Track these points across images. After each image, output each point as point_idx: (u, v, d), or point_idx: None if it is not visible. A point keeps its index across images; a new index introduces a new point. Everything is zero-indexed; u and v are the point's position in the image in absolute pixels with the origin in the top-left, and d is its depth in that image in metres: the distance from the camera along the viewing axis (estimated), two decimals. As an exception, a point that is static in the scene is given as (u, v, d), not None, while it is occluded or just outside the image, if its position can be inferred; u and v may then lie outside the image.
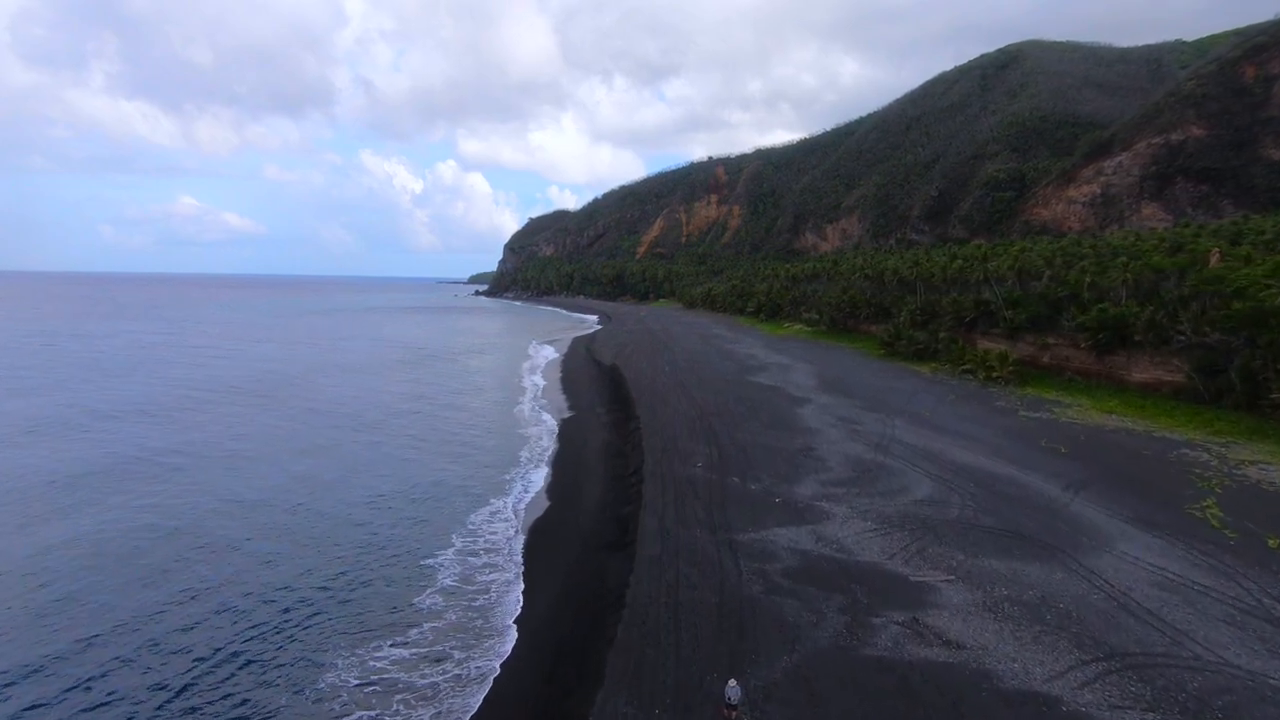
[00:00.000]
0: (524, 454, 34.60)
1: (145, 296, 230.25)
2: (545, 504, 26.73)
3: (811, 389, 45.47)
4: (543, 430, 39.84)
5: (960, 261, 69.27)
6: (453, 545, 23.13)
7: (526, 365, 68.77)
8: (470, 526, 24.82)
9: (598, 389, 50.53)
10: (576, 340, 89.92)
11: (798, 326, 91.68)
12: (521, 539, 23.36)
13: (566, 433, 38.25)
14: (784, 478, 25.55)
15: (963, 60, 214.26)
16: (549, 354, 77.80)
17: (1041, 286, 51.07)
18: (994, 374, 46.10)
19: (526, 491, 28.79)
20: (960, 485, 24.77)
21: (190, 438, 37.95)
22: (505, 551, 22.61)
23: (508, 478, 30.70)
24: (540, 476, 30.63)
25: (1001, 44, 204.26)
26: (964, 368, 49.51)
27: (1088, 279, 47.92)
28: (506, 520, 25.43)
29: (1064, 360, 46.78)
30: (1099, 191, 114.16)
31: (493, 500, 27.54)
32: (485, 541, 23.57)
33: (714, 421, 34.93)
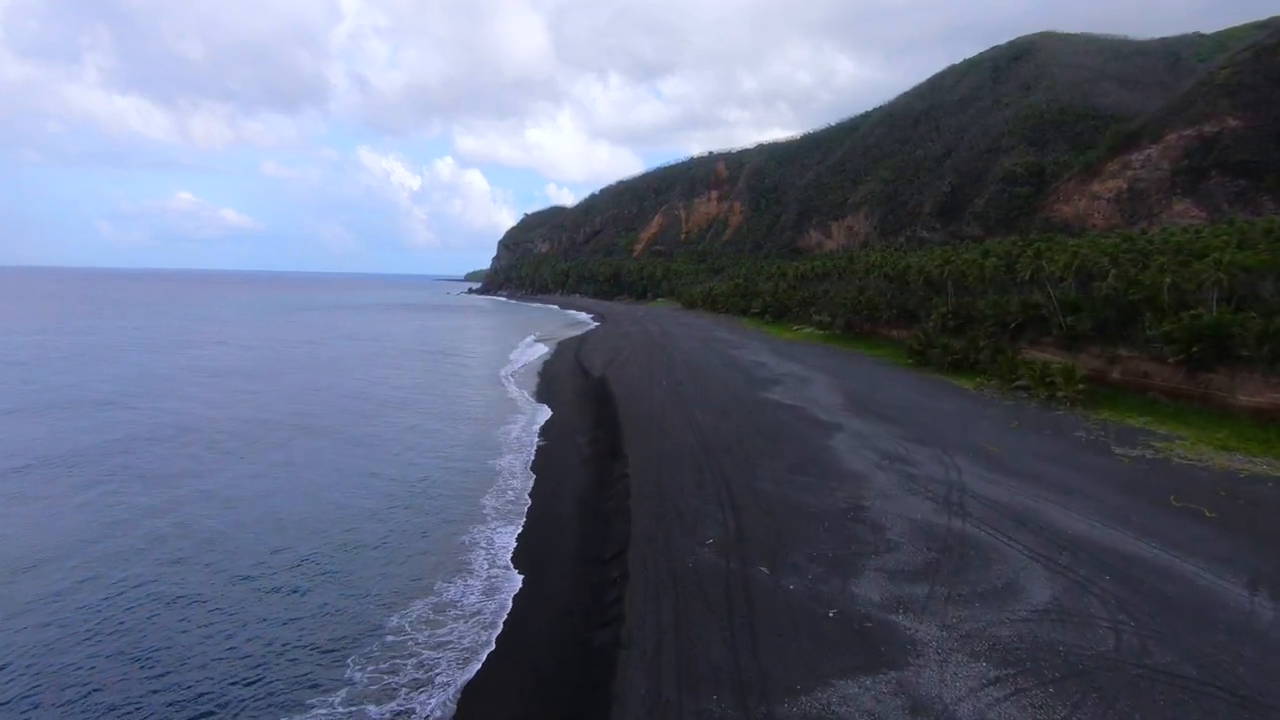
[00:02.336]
0: (489, 501, 26.65)
1: (134, 293, 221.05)
2: (507, 599, 18.88)
3: (839, 410, 37.63)
4: (517, 463, 31.94)
5: (994, 259, 61.45)
6: (349, 681, 15.24)
7: (505, 372, 60.89)
8: (389, 639, 16.89)
9: (582, 408, 42.64)
10: (566, 344, 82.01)
11: (808, 330, 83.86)
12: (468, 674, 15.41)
13: (541, 471, 30.36)
14: (833, 564, 17.67)
15: (959, 58, 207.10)
16: (532, 360, 69.86)
17: (1106, 288, 43.28)
18: (1058, 393, 38.26)
19: (494, 562, 20.98)
20: (1092, 578, 16.94)
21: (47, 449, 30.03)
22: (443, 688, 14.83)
23: (466, 540, 22.77)
24: (507, 539, 22.75)
25: (997, 43, 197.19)
26: (1017, 383, 41.67)
27: (1167, 280, 40.14)
28: (459, 621, 17.64)
29: (1141, 377, 38.99)
30: (1125, 187, 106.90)
31: (440, 584, 19.65)
32: (412, 671, 15.59)
33: (724, 461, 27.04)
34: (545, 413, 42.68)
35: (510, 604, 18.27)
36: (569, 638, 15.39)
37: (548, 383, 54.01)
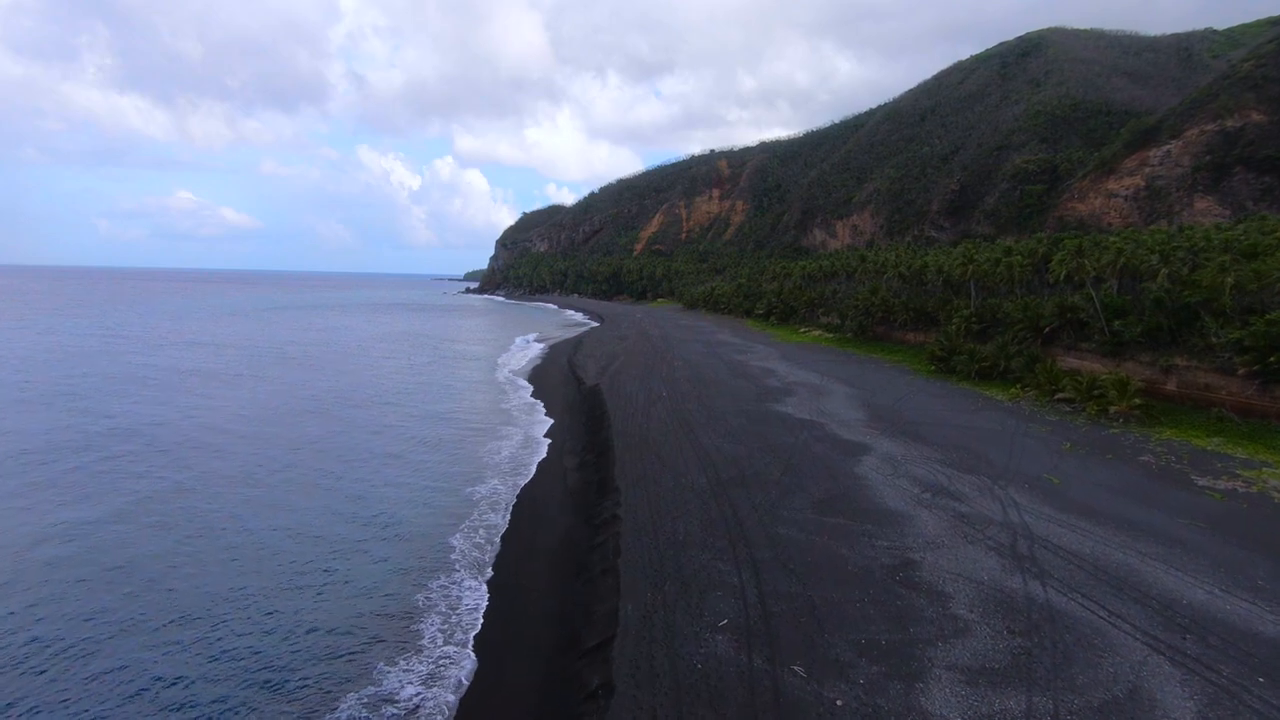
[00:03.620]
0: (458, 542, 22.16)
1: (130, 293, 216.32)
2: (454, 699, 14.39)
3: (862, 427, 33.18)
4: (499, 490, 27.44)
5: (1019, 258, 56.97)
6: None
7: (492, 379, 56.39)
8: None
9: (572, 423, 38.14)
10: (559, 348, 77.51)
11: (816, 332, 79.40)
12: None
13: (519, 507, 25.89)
14: (888, 658, 13.21)
15: (957, 58, 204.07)
16: (522, 365, 65.34)
17: (1157, 289, 38.81)
18: (1110, 408, 33.77)
19: (450, 635, 16.56)
20: (1240, 682, 12.50)
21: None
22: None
23: (421, 600, 18.32)
24: (471, 600, 18.31)
25: (994, 42, 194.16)
26: (1059, 396, 37.20)
27: (1229, 280, 35.68)
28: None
29: (1202, 390, 34.55)
30: (1143, 184, 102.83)
31: (381, 667, 15.25)
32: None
33: (736, 497, 22.56)
34: (531, 429, 38.25)
35: (456, 705, 13.82)
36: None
37: (536, 393, 49.52)
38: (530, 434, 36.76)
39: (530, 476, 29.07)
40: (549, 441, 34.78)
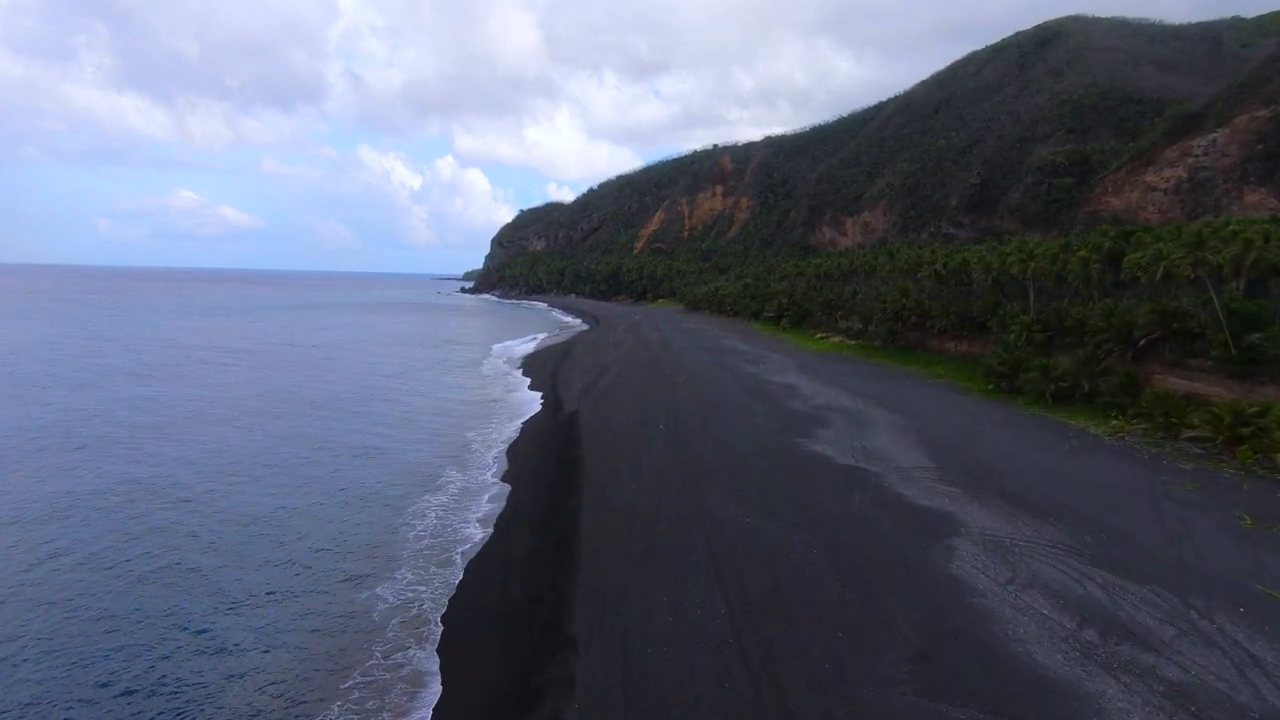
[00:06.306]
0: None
1: (108, 291, 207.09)
2: None
3: (932, 481, 23.93)
4: (416, 602, 18.41)
5: (1085, 252, 47.63)
6: None
7: (455, 398, 47.13)
8: None
9: (538, 471, 28.66)
10: (544, 355, 68.16)
11: (836, 339, 70.10)
12: None
13: (442, 642, 16.73)
14: None
15: (951, 57, 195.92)
16: (497, 378, 56.04)
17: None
18: (1277, 455, 24.48)
19: None
20: None
21: None
22: None
23: None
24: None
25: (993, 40, 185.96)
26: (1192, 434, 27.85)
27: None
28: None
29: (1394, 428, 25.27)
30: (1186, 176, 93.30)
31: None
32: None
33: (778, 649, 13.27)
34: (482, 475, 29.04)
35: None
36: None
37: (500, 419, 40.31)
38: (476, 484, 27.50)
39: (467, 564, 19.86)
40: (504, 493, 25.57)
